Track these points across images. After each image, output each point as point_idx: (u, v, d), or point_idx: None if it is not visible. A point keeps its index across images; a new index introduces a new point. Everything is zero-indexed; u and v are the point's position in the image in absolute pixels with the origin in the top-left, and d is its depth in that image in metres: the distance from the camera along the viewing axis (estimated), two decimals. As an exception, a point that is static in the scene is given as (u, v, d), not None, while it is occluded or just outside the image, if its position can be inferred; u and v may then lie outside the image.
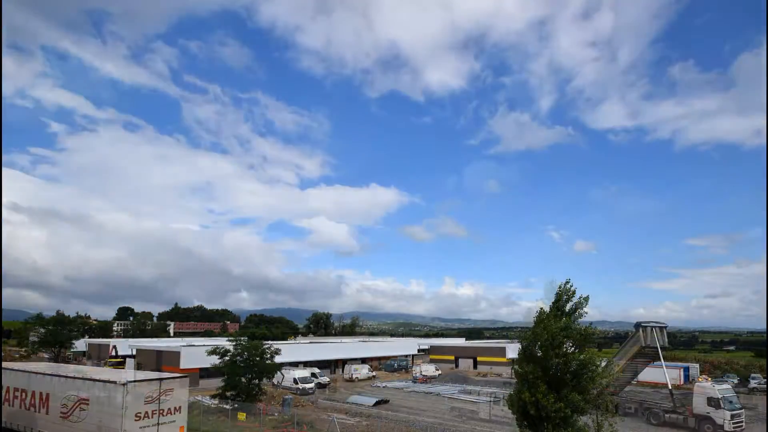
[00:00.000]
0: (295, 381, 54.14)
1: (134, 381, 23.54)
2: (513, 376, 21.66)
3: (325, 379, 61.10)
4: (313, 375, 59.17)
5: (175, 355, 60.42)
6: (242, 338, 41.85)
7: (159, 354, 64.54)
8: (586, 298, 19.97)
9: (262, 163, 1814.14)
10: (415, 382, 67.19)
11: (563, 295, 20.20)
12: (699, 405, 36.95)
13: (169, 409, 24.63)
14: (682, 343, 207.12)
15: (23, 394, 27.80)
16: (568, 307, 20.06)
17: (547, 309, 20.35)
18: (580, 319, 19.95)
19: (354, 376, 68.52)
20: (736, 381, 66.75)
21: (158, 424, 24.01)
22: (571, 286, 20.32)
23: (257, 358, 39.21)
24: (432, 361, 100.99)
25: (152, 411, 23.76)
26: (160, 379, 24.79)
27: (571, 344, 19.40)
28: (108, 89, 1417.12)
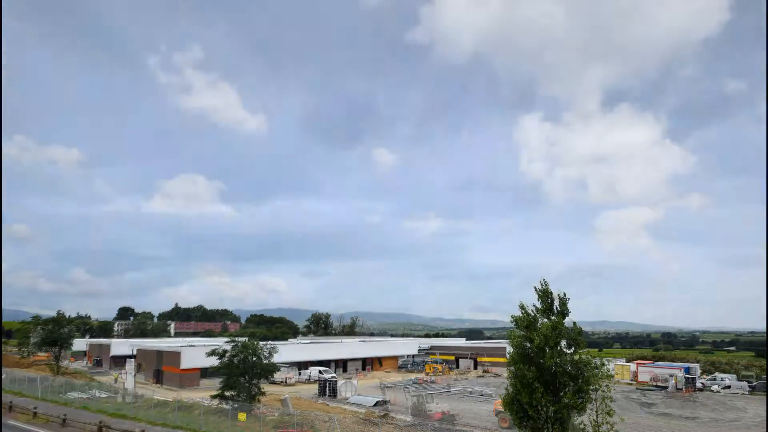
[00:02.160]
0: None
1: None
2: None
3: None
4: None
5: (175, 356, 60.56)
6: (239, 338, 41.54)
7: (159, 354, 64.67)
8: (564, 296, 19.98)
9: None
10: (416, 383, 67.30)
11: (547, 296, 20.19)
12: None
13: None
14: (683, 343, 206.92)
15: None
16: (553, 307, 20.05)
17: (529, 311, 20.35)
18: (566, 317, 19.89)
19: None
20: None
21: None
22: (551, 288, 20.31)
23: (254, 358, 39.05)
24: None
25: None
26: None
27: (565, 344, 19.40)
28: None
